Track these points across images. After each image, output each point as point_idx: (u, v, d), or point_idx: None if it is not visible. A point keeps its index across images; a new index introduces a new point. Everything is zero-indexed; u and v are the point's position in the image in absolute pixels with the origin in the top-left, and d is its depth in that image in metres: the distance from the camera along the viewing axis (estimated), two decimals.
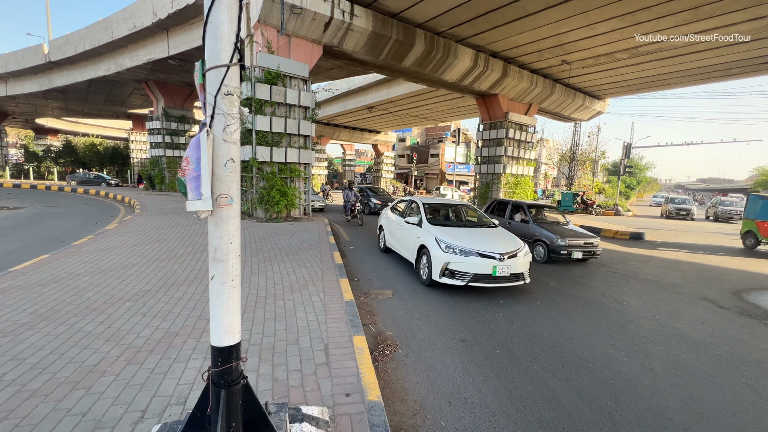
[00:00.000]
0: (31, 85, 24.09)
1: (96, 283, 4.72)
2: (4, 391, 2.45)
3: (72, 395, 2.45)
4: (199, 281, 5.05)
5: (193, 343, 3.25)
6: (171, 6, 14.31)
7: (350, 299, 4.62)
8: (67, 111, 32.60)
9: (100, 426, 2.18)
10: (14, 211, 12.81)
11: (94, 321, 3.61)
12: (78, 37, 19.53)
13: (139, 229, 8.99)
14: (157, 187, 23.18)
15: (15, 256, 6.74)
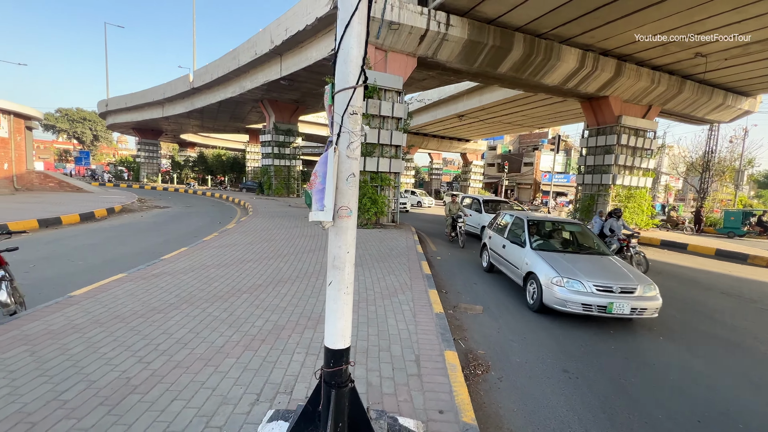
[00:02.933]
0: (180, 107, 29.65)
1: (221, 275, 5.52)
2: (158, 359, 3.00)
3: (205, 371, 2.88)
4: (300, 280, 5.53)
5: (296, 338, 3.56)
6: (285, 33, 16.22)
7: (440, 312, 4.55)
8: (202, 127, 39.30)
9: (226, 401, 2.51)
10: (163, 210, 15.82)
11: (220, 308, 4.21)
12: (214, 67, 23.43)
13: (252, 229, 10.28)
14: (265, 192, 26.28)
15: (164, 246, 8.28)
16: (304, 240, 9.05)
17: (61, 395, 2.46)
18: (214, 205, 20.12)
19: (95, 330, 3.43)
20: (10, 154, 17.72)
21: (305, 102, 25.32)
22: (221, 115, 30.86)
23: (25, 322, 3.53)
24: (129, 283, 4.88)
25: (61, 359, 2.90)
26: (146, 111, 33.85)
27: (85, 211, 11.82)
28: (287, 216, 14.12)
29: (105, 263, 6.59)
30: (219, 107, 27.44)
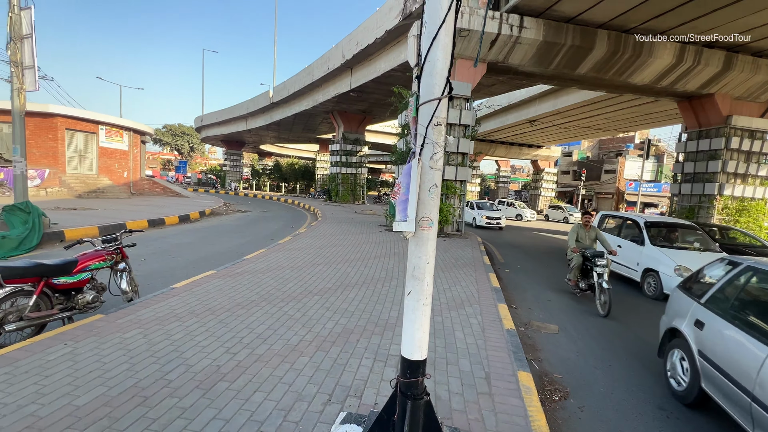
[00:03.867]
0: (260, 120, 32.57)
1: (294, 276, 5.88)
2: (242, 352, 3.28)
3: (282, 366, 3.07)
4: (367, 286, 5.66)
5: (365, 343, 3.63)
6: (356, 48, 16.97)
7: (511, 328, 4.31)
8: (278, 138, 42.68)
9: (301, 398, 2.64)
10: (245, 214, 17.42)
11: (294, 308, 4.48)
12: (290, 83, 25.37)
13: (321, 234, 10.82)
14: (332, 199, 27.54)
15: (245, 247, 9.08)
16: (369, 246, 9.26)
17: (166, 375, 2.81)
18: (287, 210, 21.61)
19: (192, 320, 3.87)
20: (129, 164, 21.05)
21: (372, 112, 26.13)
22: (295, 126, 33.20)
23: (139, 309, 4.11)
24: (218, 279, 5.44)
25: (166, 343, 3.32)
26: (232, 125, 37.81)
27: (182, 214, 13.51)
28: (353, 222, 14.61)
29: (198, 260, 7.44)
30: (294, 119, 29.55)
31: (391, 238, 10.93)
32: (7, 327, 3.27)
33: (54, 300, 3.70)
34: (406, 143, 12.33)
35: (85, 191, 17.45)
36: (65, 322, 3.82)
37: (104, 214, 11.81)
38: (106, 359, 2.98)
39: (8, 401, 2.37)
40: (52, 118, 16.91)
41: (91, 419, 2.27)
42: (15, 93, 7.60)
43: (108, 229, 9.66)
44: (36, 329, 3.58)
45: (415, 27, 12.34)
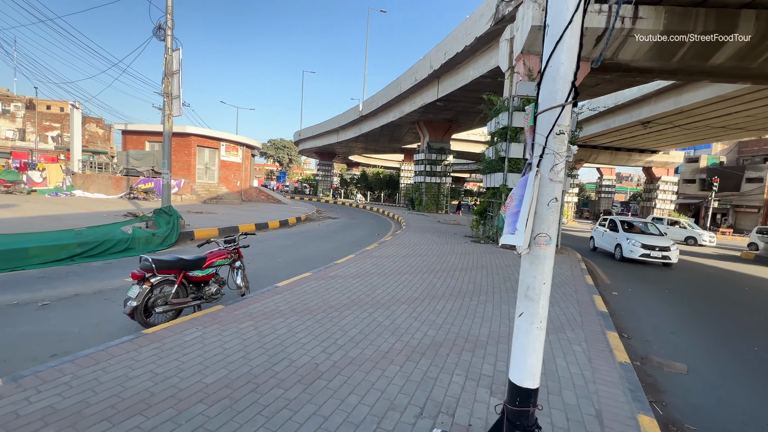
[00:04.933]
0: (350, 133, 34.63)
1: (382, 283, 6.03)
2: (337, 353, 3.45)
3: (374, 372, 3.14)
4: (455, 298, 5.51)
5: (455, 358, 3.52)
6: (444, 57, 16.97)
7: (625, 362, 3.74)
8: (365, 149, 44.82)
9: (393, 407, 2.66)
10: (334, 221, 18.59)
11: (383, 314, 4.57)
12: (379, 96, 26.48)
13: (406, 243, 10.94)
14: (416, 208, 27.74)
15: (335, 252, 9.65)
16: (455, 257, 9.04)
17: (273, 366, 3.10)
18: (372, 218, 22.43)
19: (293, 317, 4.23)
20: (242, 175, 24.24)
21: (458, 120, 25.75)
22: (382, 137, 34.47)
23: (250, 303, 4.65)
24: (313, 281, 5.86)
25: (272, 337, 3.68)
26: (325, 137, 40.93)
27: (282, 219, 15.00)
28: (437, 232, 14.47)
29: (295, 262, 8.14)
30: (381, 131, 30.72)
31: (477, 249, 10.51)
32: (157, 309, 3.99)
33: (188, 290, 4.40)
34: (495, 151, 11.81)
35: (208, 198, 20.60)
36: (195, 309, 4.51)
37: (222, 218, 13.75)
38: (227, 345, 3.41)
39: (158, 371, 2.87)
40: (188, 137, 20.43)
41: (216, 397, 2.60)
42: (165, 118, 9.39)
43: (225, 231, 11.22)
44: (175, 313, 4.29)
45: (508, 30, 11.85)
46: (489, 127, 12.75)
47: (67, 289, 5.32)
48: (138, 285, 3.90)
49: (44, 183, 19.06)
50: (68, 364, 2.89)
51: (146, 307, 3.97)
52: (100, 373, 2.78)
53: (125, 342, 3.33)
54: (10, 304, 4.62)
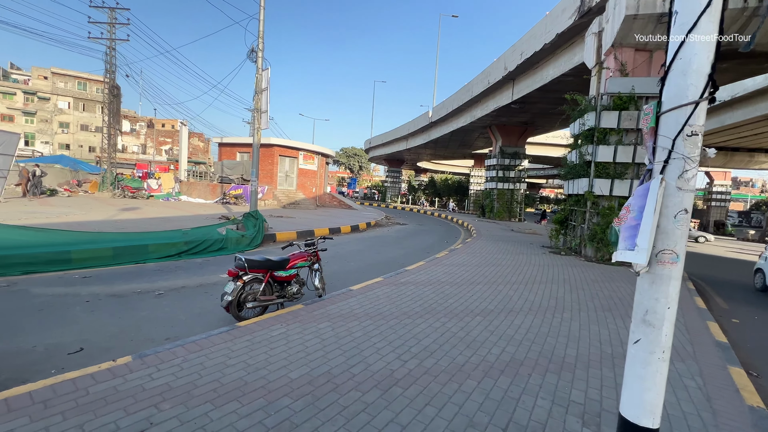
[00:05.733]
0: (419, 139, 34.75)
1: (455, 293, 5.87)
2: (412, 361, 3.42)
3: (450, 385, 3.05)
4: (534, 313, 5.13)
5: (538, 379, 3.25)
6: (520, 58, 16.16)
7: (759, 406, 3.09)
8: (434, 155, 44.55)
9: (472, 425, 2.54)
10: (402, 226, 18.73)
11: (456, 325, 4.43)
12: (449, 101, 26.17)
13: (477, 251, 10.55)
14: (486, 215, 26.67)
15: (405, 258, 9.68)
16: (532, 269, 8.44)
17: (350, 368, 3.18)
18: (440, 224, 22.10)
19: (367, 321, 4.32)
20: (317, 182, 25.77)
21: (534, 123, 24.27)
22: (451, 143, 33.94)
23: (326, 304, 4.87)
24: (385, 287, 5.94)
25: (348, 339, 3.79)
26: (394, 145, 41.63)
27: (353, 224, 15.55)
28: (511, 241, 13.70)
29: (366, 266, 8.34)
30: (450, 136, 30.27)
31: (557, 261, 9.69)
32: (248, 305, 4.39)
33: (273, 288, 4.76)
34: (579, 155, 10.83)
35: (287, 203, 22.27)
36: (278, 307, 4.86)
37: (299, 222, 14.74)
38: (308, 344, 3.60)
39: (250, 363, 3.14)
40: (271, 148, 22.38)
41: (300, 393, 2.75)
42: (255, 131, 10.42)
43: (303, 234, 11.98)
44: (261, 309, 4.67)
45: (596, 23, 10.85)
46: (572, 129, 11.76)
47: (176, 282, 6.13)
48: (233, 282, 4.33)
49: (159, 189, 22.42)
50: (179, 348, 3.31)
51: (238, 302, 4.39)
52: (203, 359, 3.14)
53: (223, 333, 3.72)
54: (135, 291, 5.47)
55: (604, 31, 10.36)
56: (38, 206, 13.10)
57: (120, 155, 38.73)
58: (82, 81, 50.89)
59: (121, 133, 42.91)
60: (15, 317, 4.29)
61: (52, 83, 49.71)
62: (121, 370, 2.87)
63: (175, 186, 23.00)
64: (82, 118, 51.38)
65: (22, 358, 3.39)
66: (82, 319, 4.37)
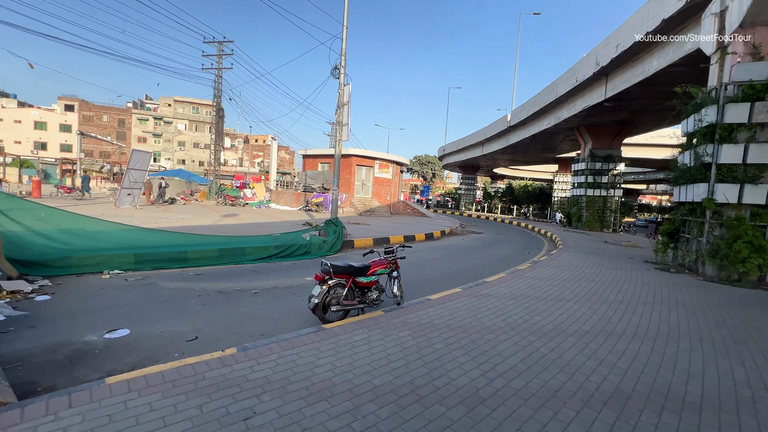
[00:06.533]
0: (496, 145, 33.35)
1: (541, 309, 5.42)
2: (498, 380, 3.23)
3: (543, 412, 2.79)
4: (639, 339, 4.47)
5: (652, 418, 2.80)
6: (615, 50, 14.57)
7: None
8: (512, 161, 42.28)
9: None
10: (478, 235, 18.05)
11: (546, 345, 4.07)
12: (530, 104, 24.67)
13: (565, 264, 9.65)
14: (573, 225, 24.34)
15: (483, 269, 9.29)
16: (634, 287, 7.42)
17: (433, 381, 3.12)
18: (520, 234, 20.80)
19: (448, 333, 4.21)
20: (391, 190, 26.30)
21: (632, 122, 21.62)
22: (532, 147, 31.87)
23: (405, 313, 4.88)
24: (465, 298, 5.74)
25: (429, 350, 3.73)
26: (469, 151, 40.57)
27: (428, 232, 15.46)
28: (605, 254, 12.26)
29: (443, 276, 8.19)
30: (531, 140, 28.46)
31: (667, 280, 8.36)
32: (332, 308, 4.62)
33: (355, 293, 4.93)
34: (695, 156, 9.29)
35: (363, 210, 23.10)
36: (359, 312, 5.01)
37: (375, 229, 15.14)
38: (390, 351, 3.64)
39: (337, 365, 3.27)
40: (350, 158, 23.51)
41: (384, 400, 2.78)
42: (336, 143, 11.04)
43: (378, 241, 12.28)
44: (343, 314, 4.87)
45: (716, 2, 9.27)
46: (683, 127, 10.16)
47: (269, 282, 6.74)
48: (319, 285, 4.60)
49: (253, 198, 25.07)
50: (274, 344, 3.61)
51: (324, 305, 4.64)
52: (295, 357, 3.36)
53: (311, 333, 3.95)
54: (236, 289, 6.15)
55: (729, 9, 8.79)
56: (162, 212, 15.61)
57: (222, 168, 44.35)
58: (195, 106, 59.74)
59: (223, 149, 49.12)
60: (147, 306, 5.12)
61: (174, 109, 59.23)
62: (229, 360, 3.22)
63: (266, 195, 25.48)
64: (194, 137, 60.19)
65: (154, 342, 4.02)
66: (196, 311, 5.04)
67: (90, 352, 3.68)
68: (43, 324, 4.27)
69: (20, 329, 4.09)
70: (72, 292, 5.51)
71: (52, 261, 6.28)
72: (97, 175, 41.11)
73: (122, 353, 3.70)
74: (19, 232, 6.43)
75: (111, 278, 6.32)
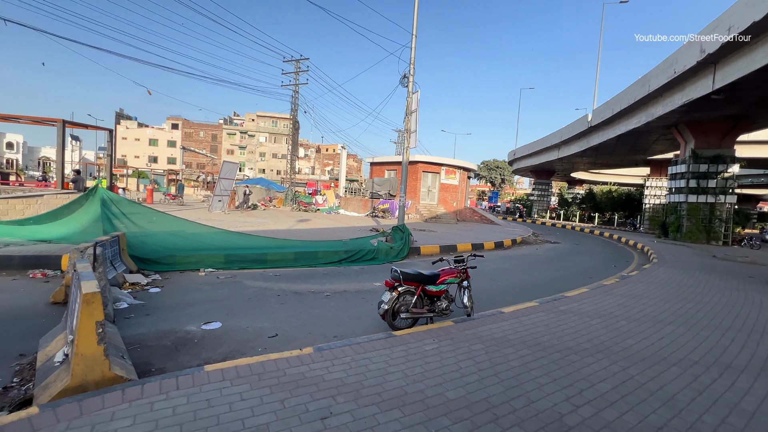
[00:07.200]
0: (574, 147, 30.78)
1: (634, 331, 4.80)
2: (585, 408, 2.92)
3: None
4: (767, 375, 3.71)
5: None
6: (728, 33, 12.55)
7: None
8: (593, 164, 38.60)
9: None
10: (554, 245, 16.73)
11: (644, 374, 3.58)
12: (615, 101, 22.34)
13: (661, 281, 8.46)
14: (670, 236, 21.31)
15: (560, 282, 8.56)
16: (758, 312, 6.20)
17: (510, 401, 2.93)
18: (603, 244, 18.81)
19: (524, 350, 3.94)
20: (458, 196, 25.74)
21: (749, 116, 18.39)
22: (618, 149, 28.76)
23: (477, 325, 4.68)
24: (541, 313, 5.34)
25: (505, 367, 3.53)
26: (543, 155, 38.00)
27: (497, 241, 14.76)
28: (714, 271, 10.49)
29: (515, 287, 7.73)
30: (617, 141, 25.72)
31: None
32: (401, 315, 4.63)
33: (424, 302, 4.88)
34: None
35: (428, 217, 22.93)
36: (428, 321, 4.94)
37: (442, 236, 14.90)
38: (461, 364, 3.52)
39: (408, 373, 3.26)
40: (416, 164, 23.58)
41: (458, 415, 2.68)
42: (404, 150, 11.15)
43: (445, 248, 12.06)
44: (412, 322, 4.84)
45: None
46: None
47: (339, 286, 7.01)
48: (389, 292, 4.64)
49: (324, 204, 26.46)
50: (347, 347, 3.72)
51: (393, 311, 4.67)
52: (367, 362, 3.43)
53: (381, 339, 4.00)
54: (310, 291, 6.50)
55: None
56: (246, 217, 17.23)
57: (296, 176, 47.58)
58: (274, 120, 65.32)
59: (297, 159, 52.71)
60: (235, 302, 5.66)
61: (256, 124, 65.40)
62: (306, 359, 3.40)
63: (336, 201, 26.70)
64: (273, 148, 65.67)
65: (241, 335, 4.42)
66: (275, 309, 5.43)
67: (190, 341, 4.17)
68: (155, 312, 4.96)
69: (138, 316, 4.80)
70: (176, 286, 6.33)
71: (161, 258, 7.29)
72: (194, 184, 47.11)
73: (216, 344, 4.13)
74: (137, 232, 7.61)
75: (206, 276, 7.13)
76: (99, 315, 2.82)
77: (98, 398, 2.57)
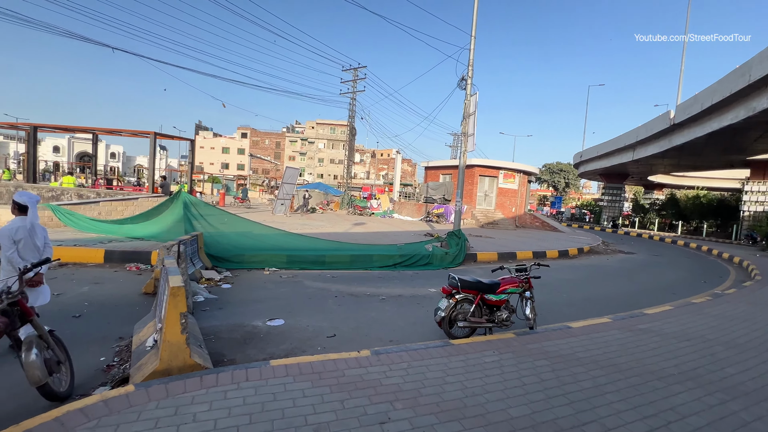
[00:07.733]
0: (652, 148, 27.73)
1: (734, 359, 4.15)
2: None
3: None
4: None
5: None
6: None
7: None
8: (676, 166, 34.41)
9: None
10: (628, 256, 15.16)
11: (748, 411, 3.07)
12: (705, 94, 19.75)
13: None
14: None
15: (637, 297, 7.72)
16: None
17: (582, 426, 2.68)
18: (688, 256, 16.64)
19: (597, 372, 3.60)
20: (517, 201, 24.54)
21: None
22: (708, 149, 25.31)
23: (542, 339, 4.39)
24: (616, 331, 4.85)
25: (575, 388, 3.24)
26: (615, 156, 34.77)
27: (561, 249, 13.77)
28: None
29: (582, 300, 7.13)
30: (707, 140, 22.65)
31: None
32: (459, 323, 4.49)
33: (483, 311, 4.69)
34: None
35: (485, 222, 22.15)
36: (486, 331, 4.74)
37: (499, 243, 14.28)
38: (525, 380, 3.31)
39: (468, 385, 3.14)
40: (472, 168, 22.96)
41: None
42: (461, 154, 10.92)
43: (503, 256, 11.53)
44: (470, 331, 4.67)
45: None
46: None
47: (394, 290, 7.02)
48: (446, 299, 4.53)
49: (378, 208, 26.86)
50: (404, 353, 3.70)
51: (450, 319, 4.55)
52: (425, 369, 3.37)
53: (438, 347, 3.92)
54: (365, 294, 6.60)
55: None
56: (306, 220, 18.10)
57: (352, 181, 48.89)
58: (332, 126, 68.04)
59: (354, 164, 54.16)
60: (296, 300, 5.94)
61: (316, 131, 68.62)
62: (364, 361, 3.45)
63: (390, 205, 26.95)
64: (330, 154, 68.37)
65: (301, 333, 4.61)
66: (333, 310, 5.59)
67: (257, 336, 4.45)
68: (227, 307, 5.39)
69: (213, 309, 5.25)
70: (244, 283, 6.83)
71: (232, 257, 7.92)
72: (260, 188, 50.77)
73: (279, 340, 4.36)
74: (212, 232, 8.36)
75: (270, 274, 7.59)
76: (183, 307, 3.13)
77: (181, 382, 2.84)
